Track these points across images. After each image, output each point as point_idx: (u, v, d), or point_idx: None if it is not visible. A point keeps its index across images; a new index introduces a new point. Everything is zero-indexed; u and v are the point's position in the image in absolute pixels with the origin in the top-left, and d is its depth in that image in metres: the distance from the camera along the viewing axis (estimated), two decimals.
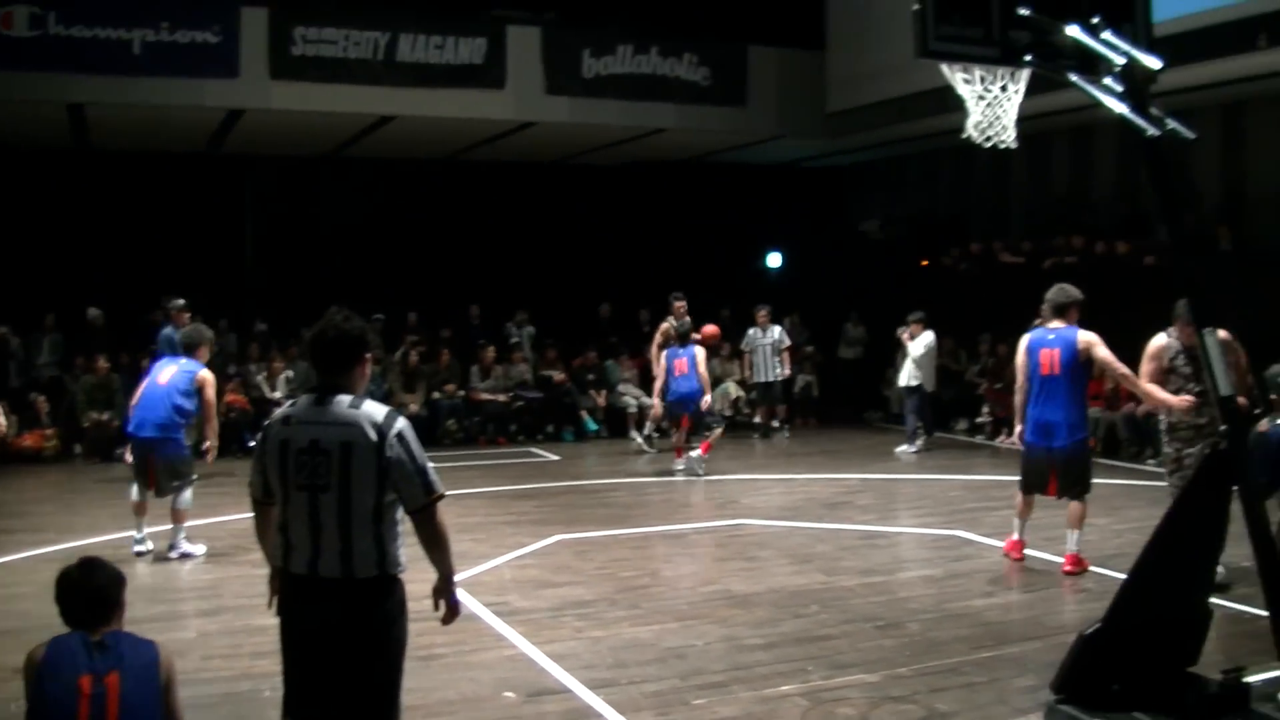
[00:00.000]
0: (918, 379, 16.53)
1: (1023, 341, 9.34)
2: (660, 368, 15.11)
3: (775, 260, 23.51)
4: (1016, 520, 9.52)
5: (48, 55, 15.32)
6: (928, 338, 16.55)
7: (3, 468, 14.87)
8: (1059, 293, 9.19)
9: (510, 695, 6.53)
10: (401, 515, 4.58)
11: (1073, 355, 8.97)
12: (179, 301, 13.49)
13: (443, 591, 4.74)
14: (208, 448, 10.20)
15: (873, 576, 9.22)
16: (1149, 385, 8.79)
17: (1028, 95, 6.50)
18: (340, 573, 4.45)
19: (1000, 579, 9.12)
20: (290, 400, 5.02)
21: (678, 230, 22.17)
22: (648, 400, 18.39)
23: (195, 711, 5.13)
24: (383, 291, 19.28)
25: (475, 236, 21.19)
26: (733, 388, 18.77)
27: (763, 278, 22.86)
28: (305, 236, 20.80)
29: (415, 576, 4.70)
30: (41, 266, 18.55)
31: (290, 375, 17.26)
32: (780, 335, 18.02)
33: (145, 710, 4.22)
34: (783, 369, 18.03)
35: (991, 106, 6.41)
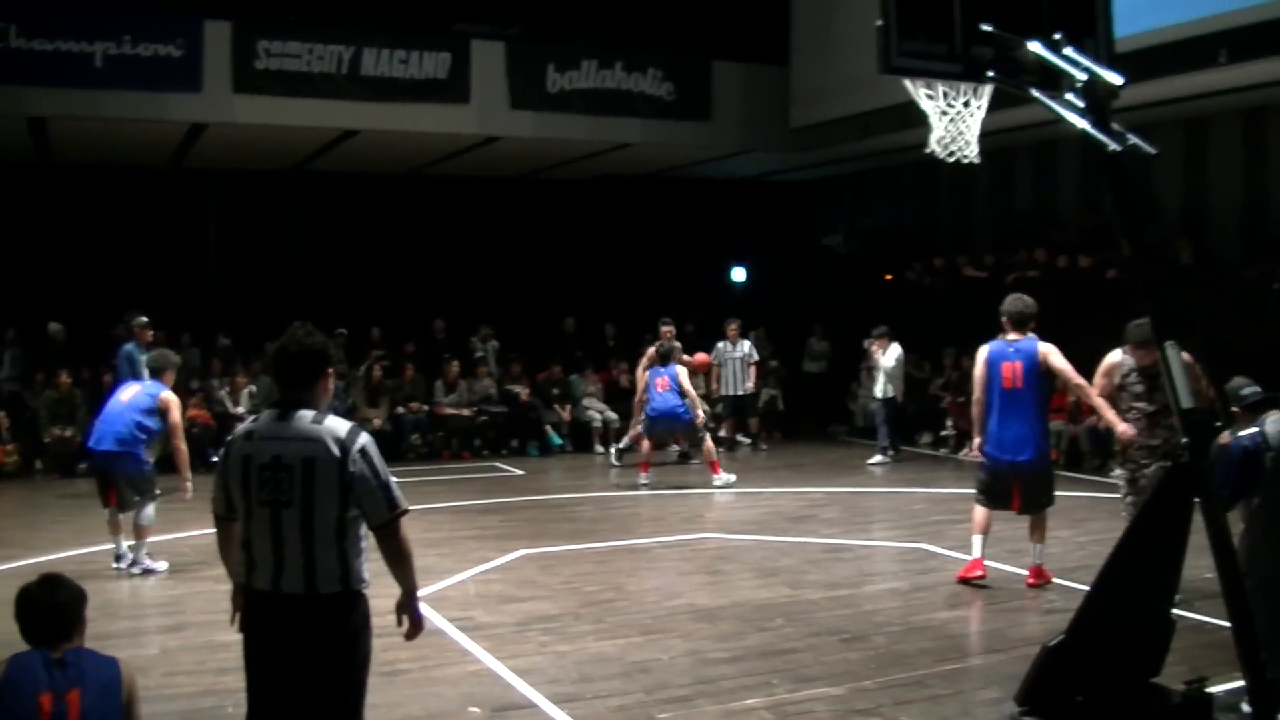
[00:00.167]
0: (890, 391, 16.69)
1: (981, 353, 9.22)
2: (642, 386, 15.42)
3: (740, 274, 23.56)
4: (977, 538, 9.25)
5: (8, 68, 15.17)
6: (896, 350, 16.73)
7: None
8: (1020, 304, 9.09)
9: (475, 710, 6.51)
10: (365, 531, 4.57)
11: (1034, 367, 8.93)
12: (142, 319, 13.47)
13: (406, 607, 4.72)
14: (184, 488, 10.12)
15: (838, 590, 9.24)
16: (1100, 400, 8.82)
17: (991, 110, 6.54)
18: (304, 589, 4.44)
19: (964, 592, 9.13)
20: (253, 416, 5.00)
21: (643, 244, 22.18)
22: (612, 415, 18.42)
23: None
24: (347, 306, 19.23)
25: (440, 251, 21.13)
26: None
27: (728, 292, 22.89)
28: (269, 250, 20.69)
29: (379, 592, 4.68)
30: (2, 280, 18.39)
31: (253, 390, 17.15)
32: (749, 349, 18.07)
33: None
34: (749, 383, 18.08)
35: (955, 122, 6.43)
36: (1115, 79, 5.51)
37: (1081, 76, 5.52)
